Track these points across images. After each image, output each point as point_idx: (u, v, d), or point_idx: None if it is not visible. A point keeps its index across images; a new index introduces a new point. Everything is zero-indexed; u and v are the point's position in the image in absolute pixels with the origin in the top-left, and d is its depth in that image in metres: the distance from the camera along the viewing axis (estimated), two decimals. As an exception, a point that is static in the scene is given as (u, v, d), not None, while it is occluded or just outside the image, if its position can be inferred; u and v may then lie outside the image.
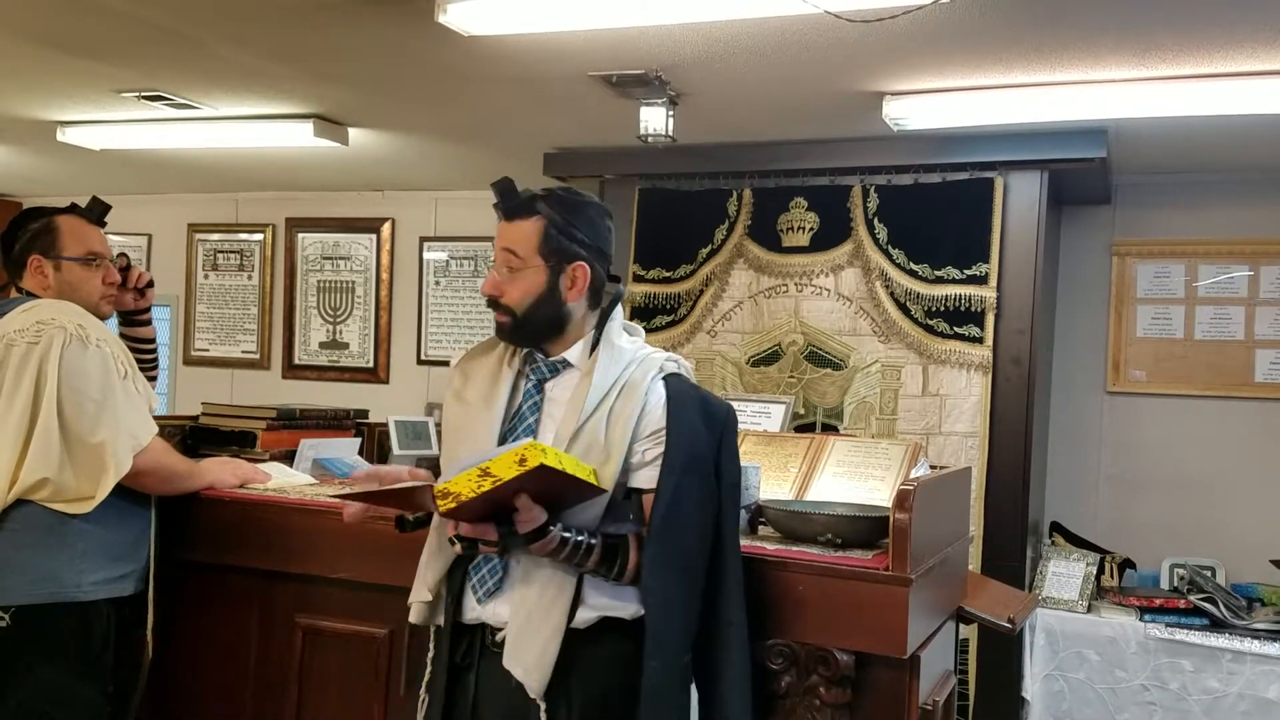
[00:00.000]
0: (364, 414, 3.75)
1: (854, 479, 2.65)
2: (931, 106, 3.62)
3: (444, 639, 2.04)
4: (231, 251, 6.42)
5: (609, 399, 1.96)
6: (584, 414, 1.95)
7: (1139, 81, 3.33)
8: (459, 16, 2.92)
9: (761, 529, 2.42)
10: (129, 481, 2.44)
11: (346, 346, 6.14)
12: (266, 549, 2.62)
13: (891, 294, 4.15)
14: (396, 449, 3.55)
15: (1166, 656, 3.79)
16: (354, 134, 4.55)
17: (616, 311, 2.08)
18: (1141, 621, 3.86)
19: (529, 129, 4.37)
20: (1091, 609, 4.00)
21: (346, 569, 2.53)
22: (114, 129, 4.60)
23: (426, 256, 5.95)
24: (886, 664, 2.09)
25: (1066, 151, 3.92)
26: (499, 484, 1.75)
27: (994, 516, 3.98)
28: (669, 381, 1.99)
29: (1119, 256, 4.65)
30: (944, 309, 4.06)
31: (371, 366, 6.08)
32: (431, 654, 2.08)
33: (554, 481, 1.81)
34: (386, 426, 3.57)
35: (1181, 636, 3.77)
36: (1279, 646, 3.68)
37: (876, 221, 4.19)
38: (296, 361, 6.26)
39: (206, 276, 6.49)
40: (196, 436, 3.35)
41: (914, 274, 4.12)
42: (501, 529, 1.86)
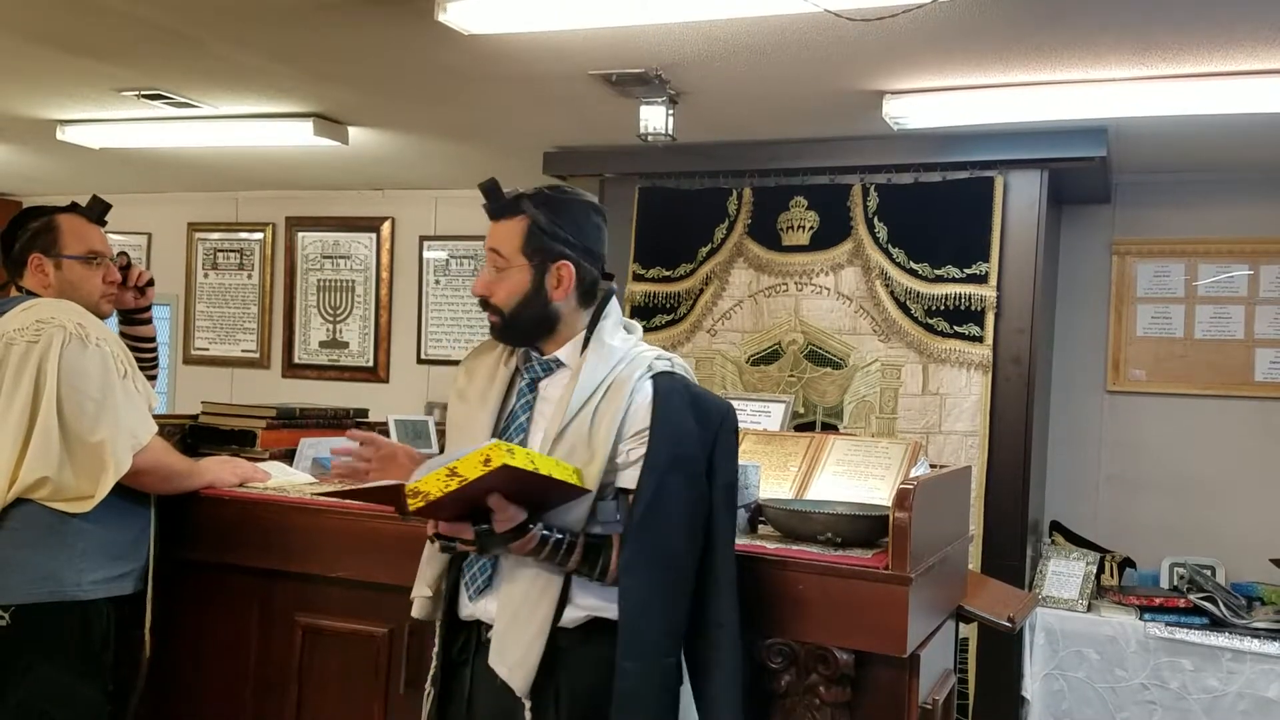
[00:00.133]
0: (364, 413, 3.75)
1: (854, 478, 2.65)
2: (931, 105, 3.62)
3: (440, 634, 2.06)
4: (231, 250, 6.42)
5: (595, 398, 1.95)
6: (569, 414, 1.94)
7: (1139, 80, 3.33)
8: (459, 15, 2.92)
9: (761, 528, 2.42)
10: (129, 480, 2.44)
11: (346, 345, 6.14)
12: (266, 548, 2.62)
13: (891, 293, 4.14)
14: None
15: (1166, 655, 3.79)
16: (354, 133, 4.55)
17: (611, 309, 2.06)
18: (1141, 620, 3.86)
19: (529, 128, 4.37)
20: (1091, 608, 4.00)
21: (346, 568, 2.54)
22: (114, 128, 4.60)
23: (426, 255, 5.95)
24: (886, 663, 2.09)
25: (1066, 150, 3.92)
26: (465, 483, 1.75)
27: (994, 515, 3.98)
28: (657, 380, 1.96)
29: (1119, 255, 4.65)
30: (944, 308, 4.06)
31: (371, 365, 6.08)
32: (435, 649, 2.11)
33: (527, 481, 1.80)
34: (386, 425, 3.57)
35: (1181, 636, 3.78)
36: (1279, 646, 3.68)
37: (876, 220, 4.19)
38: (296, 360, 6.26)
39: (206, 275, 6.49)
40: (196, 435, 3.34)
41: (914, 273, 4.12)
42: (478, 528, 1.87)
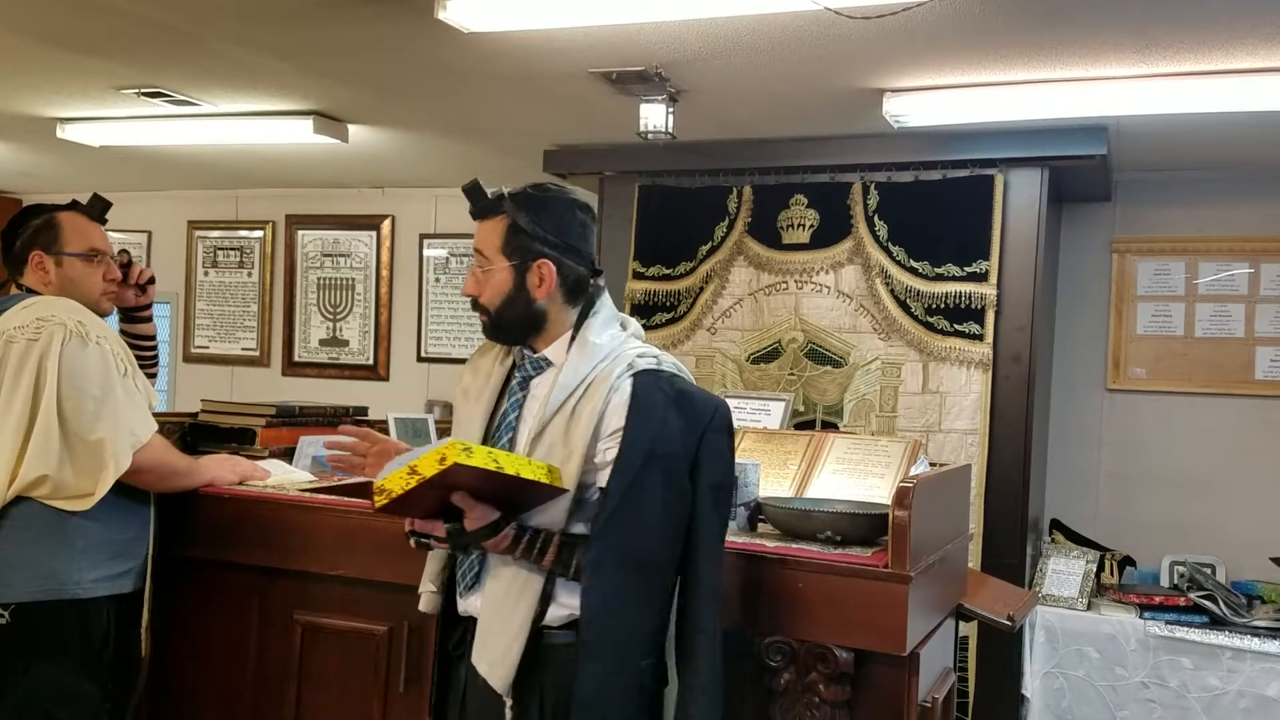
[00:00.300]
0: (363, 411, 3.76)
1: (854, 476, 2.65)
2: (932, 103, 3.61)
3: (438, 629, 2.08)
4: (231, 248, 6.42)
5: (574, 397, 1.94)
6: (548, 412, 1.94)
7: (1139, 78, 3.33)
8: (459, 13, 2.92)
9: (761, 526, 2.42)
10: (128, 479, 2.44)
11: (346, 344, 6.14)
12: (266, 546, 2.62)
13: (892, 291, 4.14)
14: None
15: (1166, 654, 3.78)
16: (354, 131, 4.54)
17: (600, 306, 2.04)
18: (1141, 619, 3.86)
19: (529, 126, 4.36)
20: (1091, 606, 3.99)
21: (345, 566, 2.54)
22: (114, 126, 4.59)
23: (426, 254, 5.95)
24: (886, 661, 2.09)
25: (1067, 149, 3.91)
26: (422, 481, 1.78)
27: (994, 514, 3.98)
28: (638, 378, 1.93)
29: (1119, 254, 4.65)
30: (944, 306, 4.06)
31: (371, 364, 6.08)
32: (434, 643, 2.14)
33: (491, 480, 1.81)
34: (386, 424, 3.57)
35: (1181, 634, 3.77)
36: (1279, 644, 3.68)
37: (877, 219, 4.18)
38: (296, 359, 6.26)
39: (206, 273, 6.49)
40: (196, 433, 3.35)
41: (914, 271, 4.11)
42: (449, 525, 1.88)
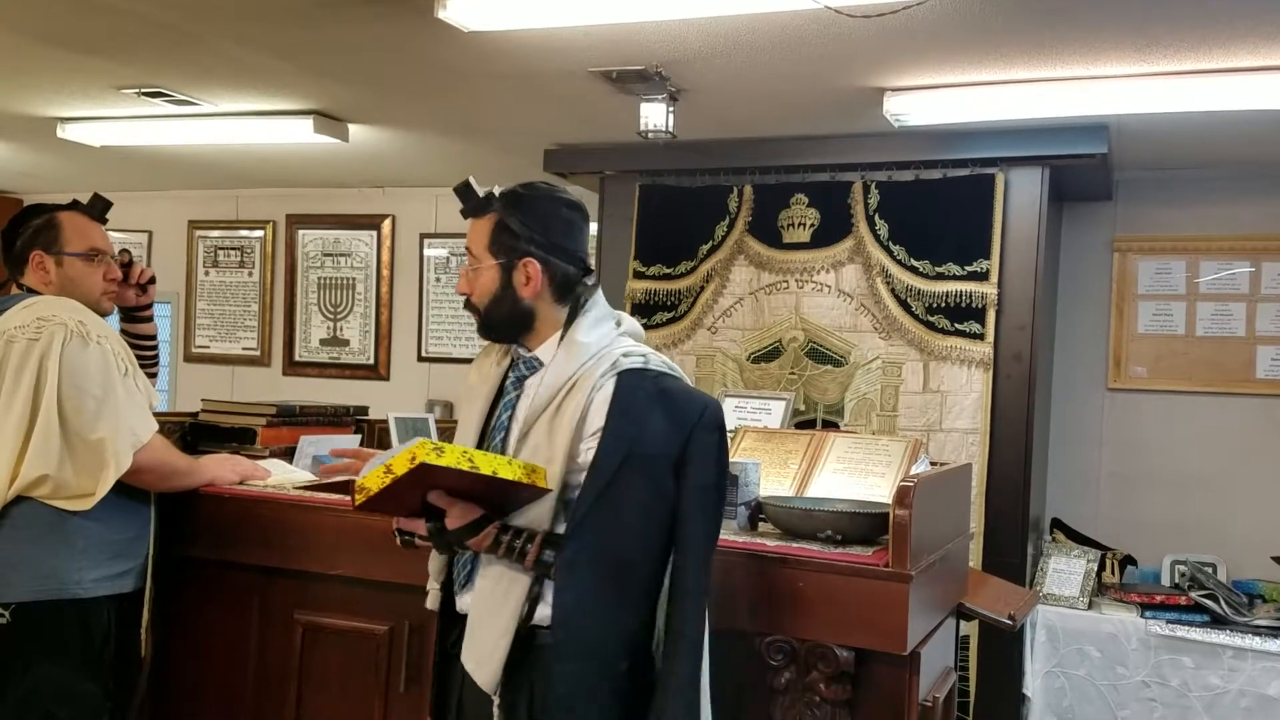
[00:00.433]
0: (364, 411, 3.75)
1: (854, 475, 2.65)
2: (932, 102, 3.61)
3: (438, 626, 2.08)
4: (232, 248, 6.42)
5: (559, 397, 1.93)
6: (533, 412, 1.94)
7: (1140, 77, 3.33)
8: (458, 12, 2.92)
9: (762, 525, 2.42)
10: (129, 478, 2.44)
11: (347, 343, 6.14)
12: (266, 545, 2.62)
13: (892, 290, 4.14)
14: (397, 446, 3.54)
15: (1167, 653, 3.78)
16: (354, 130, 4.54)
17: (591, 305, 2.01)
18: (1142, 618, 3.86)
19: (529, 125, 4.36)
20: (1092, 605, 3.99)
21: (346, 565, 2.54)
22: (114, 125, 4.59)
23: (427, 253, 5.95)
24: (887, 660, 2.09)
25: (1068, 147, 3.91)
26: (395, 479, 1.80)
27: (995, 513, 3.97)
28: (621, 377, 1.91)
29: (1120, 253, 4.65)
30: (945, 305, 4.06)
31: (372, 363, 6.08)
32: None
33: (465, 479, 1.81)
34: (387, 423, 3.57)
35: (1183, 633, 3.77)
36: (1280, 643, 3.68)
37: (877, 218, 4.18)
38: (297, 358, 6.26)
39: (207, 273, 6.49)
40: (196, 433, 3.35)
41: (915, 270, 4.11)
42: (430, 524, 1.90)
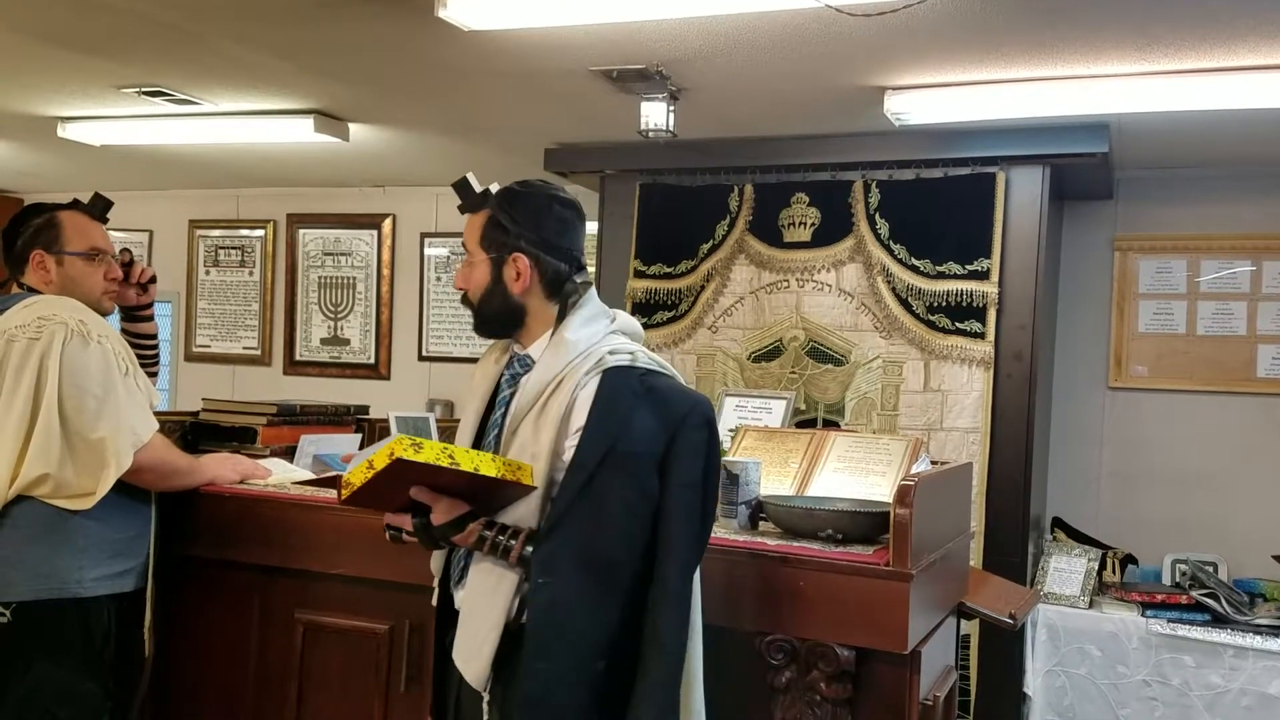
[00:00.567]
0: (365, 410, 3.75)
1: (855, 475, 2.65)
2: (933, 101, 3.61)
3: (437, 623, 2.08)
4: (233, 247, 6.42)
5: (545, 394, 1.92)
6: (521, 410, 1.94)
7: (1141, 76, 3.32)
8: (459, 11, 2.91)
9: (762, 524, 2.42)
10: (130, 478, 2.44)
11: (348, 343, 6.14)
12: (267, 545, 2.62)
13: (893, 289, 4.14)
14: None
15: (1168, 652, 3.78)
16: (354, 129, 4.54)
17: (583, 303, 2.00)
18: (1143, 617, 3.86)
19: (530, 124, 4.36)
20: (1093, 604, 3.99)
21: (346, 565, 2.54)
22: (114, 125, 4.59)
23: (427, 252, 5.95)
24: (887, 659, 2.09)
25: (1068, 146, 3.91)
26: (375, 474, 1.81)
27: (995, 512, 3.97)
28: (606, 375, 1.90)
29: (1121, 252, 4.65)
30: (946, 304, 4.06)
31: (373, 363, 6.08)
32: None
33: (444, 475, 1.82)
34: (387, 422, 3.57)
35: (1183, 632, 3.77)
36: (1281, 642, 3.68)
37: (878, 217, 4.18)
38: (298, 358, 6.26)
39: (208, 272, 6.49)
40: (197, 432, 3.35)
41: (916, 269, 4.11)
42: (415, 520, 1.91)
